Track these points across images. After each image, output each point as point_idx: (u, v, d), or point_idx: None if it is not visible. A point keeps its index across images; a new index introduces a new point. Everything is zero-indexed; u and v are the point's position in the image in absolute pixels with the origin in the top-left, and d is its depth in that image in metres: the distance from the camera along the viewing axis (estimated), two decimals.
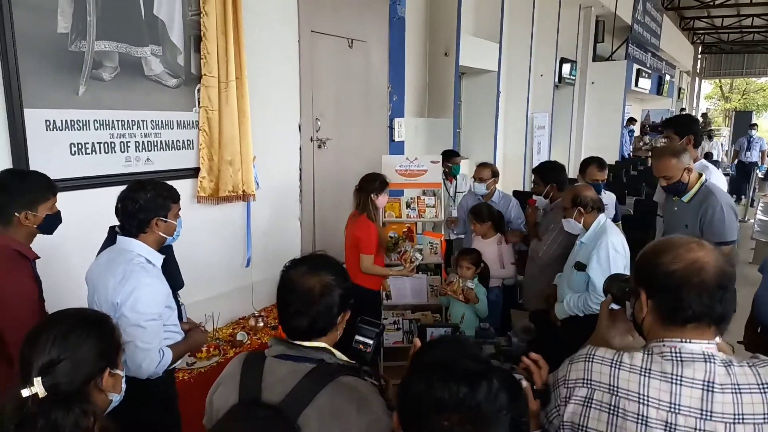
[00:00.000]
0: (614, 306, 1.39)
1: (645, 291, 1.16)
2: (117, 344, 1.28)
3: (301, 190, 4.60)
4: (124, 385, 1.30)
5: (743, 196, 10.13)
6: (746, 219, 8.55)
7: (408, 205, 4.02)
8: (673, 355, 1.09)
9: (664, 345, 1.11)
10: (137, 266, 1.82)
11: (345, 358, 1.31)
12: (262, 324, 3.92)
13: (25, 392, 1.09)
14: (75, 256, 2.47)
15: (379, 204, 3.32)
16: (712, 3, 16.37)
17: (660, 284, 1.12)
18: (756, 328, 2.46)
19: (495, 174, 3.88)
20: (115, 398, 1.29)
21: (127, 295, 1.76)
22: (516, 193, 5.49)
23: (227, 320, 3.99)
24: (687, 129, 3.14)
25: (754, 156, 10.59)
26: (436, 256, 3.87)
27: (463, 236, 4.10)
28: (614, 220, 3.89)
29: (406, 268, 3.45)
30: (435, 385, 0.87)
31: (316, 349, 1.26)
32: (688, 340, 1.10)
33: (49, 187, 1.95)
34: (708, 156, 9.52)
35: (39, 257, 1.96)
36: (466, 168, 6.23)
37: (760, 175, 11.03)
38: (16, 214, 1.85)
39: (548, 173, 3.19)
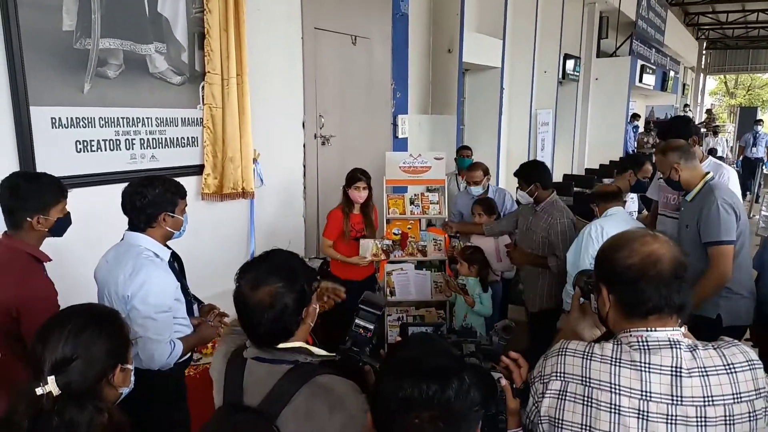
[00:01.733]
0: (582, 299, 1.42)
1: (606, 286, 1.19)
2: (127, 340, 1.29)
3: (304, 187, 4.60)
4: (132, 377, 1.32)
5: (748, 192, 10.09)
6: (751, 215, 8.50)
7: (412, 202, 4.02)
8: (640, 344, 1.12)
9: (630, 335, 1.14)
10: (146, 260, 1.84)
11: (323, 352, 1.29)
12: None
13: (39, 390, 1.09)
14: (81, 252, 2.48)
15: (353, 198, 3.49)
16: None
17: (619, 279, 1.15)
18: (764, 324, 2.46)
19: (486, 172, 3.97)
20: (125, 391, 1.31)
21: (138, 287, 1.79)
22: None
23: (232, 317, 4.00)
24: (686, 131, 3.11)
25: (759, 152, 10.55)
26: (440, 253, 3.87)
27: (458, 237, 4.10)
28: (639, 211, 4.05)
29: (361, 259, 3.51)
30: (404, 382, 0.87)
31: (290, 350, 1.25)
32: (653, 329, 1.12)
33: (60, 190, 1.95)
34: (712, 152, 9.47)
35: (51, 260, 1.97)
36: None
37: (765, 171, 10.97)
38: (28, 219, 1.85)
39: (531, 173, 3.15)
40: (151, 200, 1.87)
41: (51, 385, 1.10)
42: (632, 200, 4.34)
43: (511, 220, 3.51)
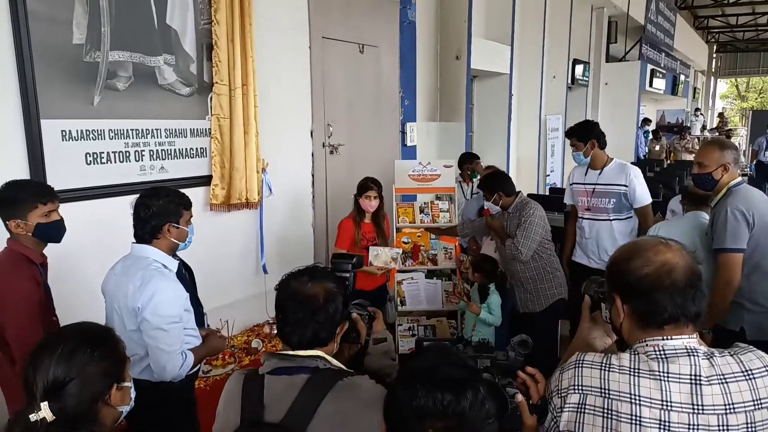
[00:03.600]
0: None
1: (619, 296, 1.17)
2: (123, 357, 1.25)
3: (313, 196, 4.60)
4: (133, 393, 1.29)
5: None
6: None
7: (422, 210, 3.99)
8: (657, 353, 1.10)
9: (647, 345, 1.12)
10: (155, 271, 1.83)
11: (339, 364, 1.28)
12: (276, 331, 3.91)
13: (33, 417, 1.07)
14: (91, 264, 2.48)
15: (364, 207, 3.48)
16: (726, 2, 16.16)
17: (633, 289, 1.14)
18: None
19: None
20: (125, 409, 1.27)
21: (148, 299, 1.78)
22: (532, 198, 5.43)
23: (241, 328, 3.99)
24: (588, 134, 3.34)
25: None
26: (451, 261, 3.83)
27: (466, 242, 4.07)
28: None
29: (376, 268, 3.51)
30: (419, 392, 0.86)
31: (310, 358, 1.24)
32: (669, 337, 1.11)
33: (35, 195, 1.94)
34: None
35: (46, 260, 1.99)
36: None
37: None
38: (6, 223, 1.91)
39: (494, 183, 3.29)
40: (156, 211, 1.87)
41: (44, 411, 1.07)
42: None
43: (482, 224, 3.53)
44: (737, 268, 2.36)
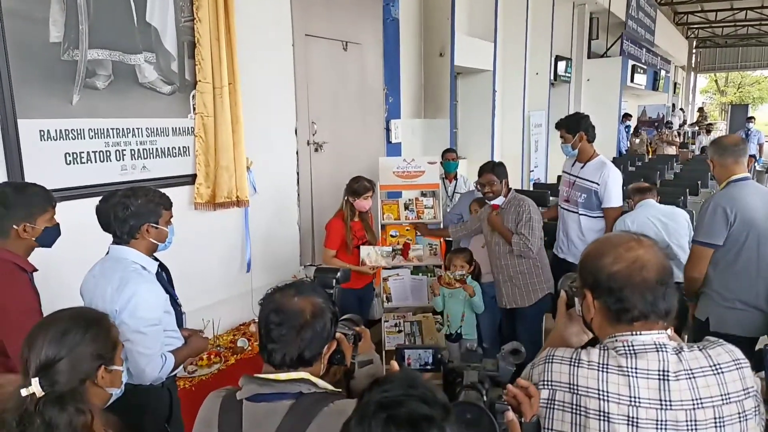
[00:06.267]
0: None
1: (590, 292, 1.16)
2: (115, 342, 1.32)
3: (299, 194, 4.58)
4: (125, 378, 1.32)
5: None
6: None
7: (406, 207, 4.01)
8: (626, 348, 1.10)
9: (616, 340, 1.12)
10: (133, 273, 1.81)
11: (326, 385, 1.18)
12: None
13: (24, 392, 1.14)
14: (70, 265, 2.44)
15: (357, 206, 3.45)
16: None
17: (603, 286, 1.12)
18: None
19: None
20: (115, 392, 1.33)
21: (126, 301, 1.76)
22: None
23: (227, 327, 3.97)
24: (577, 126, 3.38)
25: (752, 149, 10.60)
26: (436, 258, 3.85)
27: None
28: None
29: (366, 266, 3.53)
30: (374, 430, 0.76)
31: (292, 382, 1.13)
32: (638, 333, 1.11)
33: (47, 199, 1.94)
34: (705, 150, 9.51)
35: (37, 270, 1.95)
36: (464, 168, 6.22)
37: (758, 167, 11.04)
38: (14, 227, 1.84)
39: (501, 169, 3.25)
40: (134, 211, 1.83)
41: (34, 386, 1.14)
42: None
43: (474, 222, 3.52)
44: (702, 261, 2.45)
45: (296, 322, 1.14)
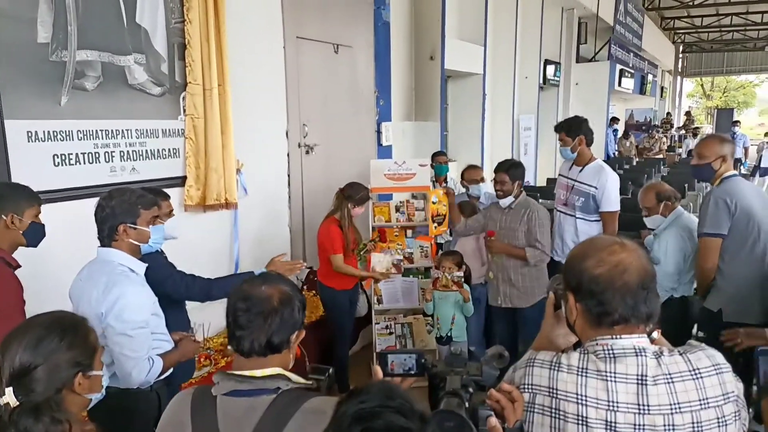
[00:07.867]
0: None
1: (573, 295, 1.16)
2: (93, 347, 1.27)
3: (289, 197, 4.57)
4: (105, 382, 1.29)
5: None
6: None
7: (397, 209, 4.02)
8: (606, 352, 1.10)
9: (597, 344, 1.12)
10: (120, 275, 1.79)
11: (301, 380, 1.20)
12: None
13: None
14: (59, 267, 2.42)
15: (354, 213, 3.46)
16: (691, 3, 16.63)
17: (585, 288, 1.12)
18: None
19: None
20: (96, 396, 1.29)
21: (112, 304, 1.74)
22: None
23: (218, 329, 3.94)
24: (576, 130, 3.37)
25: (737, 153, 10.75)
26: (427, 260, 3.86)
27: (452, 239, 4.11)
28: None
29: (377, 272, 3.57)
30: None
31: (270, 378, 1.15)
32: (618, 336, 1.10)
33: (35, 197, 1.96)
34: (692, 153, 9.64)
35: (21, 266, 1.94)
36: (454, 170, 6.24)
37: (743, 171, 11.20)
38: (2, 217, 1.84)
39: (517, 171, 3.23)
40: (109, 212, 1.82)
41: (8, 396, 1.11)
42: None
43: (478, 222, 3.53)
44: (713, 251, 2.51)
45: (263, 308, 1.16)
